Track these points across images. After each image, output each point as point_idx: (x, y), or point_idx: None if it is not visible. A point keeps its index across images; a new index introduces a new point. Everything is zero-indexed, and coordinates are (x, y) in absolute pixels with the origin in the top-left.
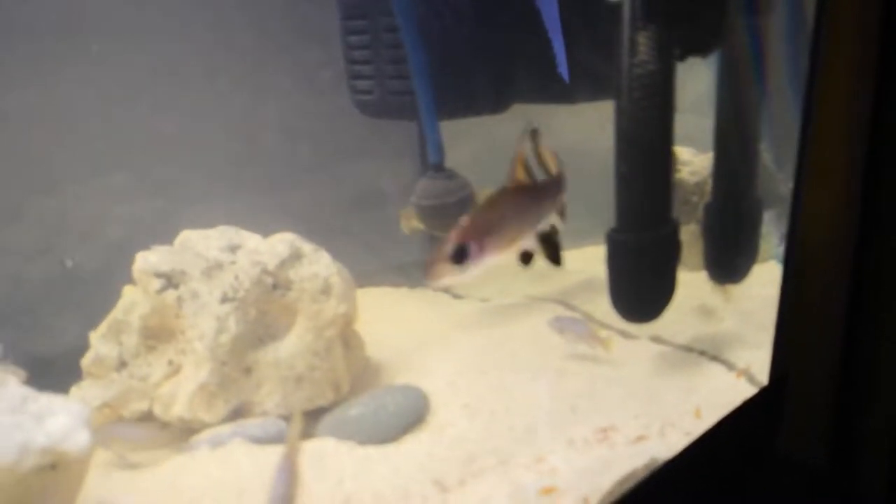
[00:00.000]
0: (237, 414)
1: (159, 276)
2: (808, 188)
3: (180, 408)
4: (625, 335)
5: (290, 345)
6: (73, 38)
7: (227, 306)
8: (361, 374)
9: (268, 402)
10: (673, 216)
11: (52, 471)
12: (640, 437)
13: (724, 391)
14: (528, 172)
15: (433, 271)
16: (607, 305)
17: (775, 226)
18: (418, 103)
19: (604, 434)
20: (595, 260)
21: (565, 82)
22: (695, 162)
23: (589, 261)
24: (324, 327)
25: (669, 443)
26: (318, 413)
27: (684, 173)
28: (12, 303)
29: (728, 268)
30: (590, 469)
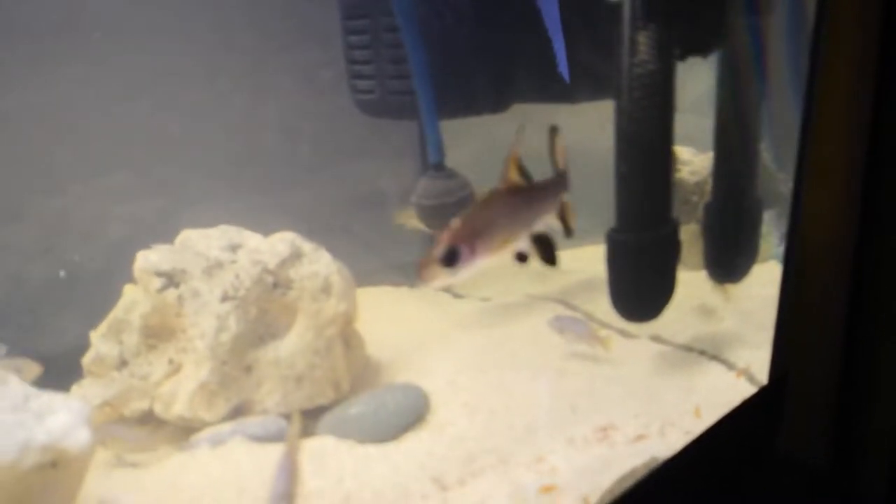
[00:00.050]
0: (237, 412)
1: (160, 274)
2: (808, 188)
3: (181, 406)
4: (625, 334)
5: (291, 343)
6: (73, 37)
7: (227, 305)
8: (361, 373)
9: (268, 401)
10: (673, 216)
11: (53, 468)
12: (639, 437)
13: (723, 391)
14: (522, 173)
15: (424, 274)
16: (607, 305)
17: (775, 225)
18: (419, 103)
19: (603, 433)
20: (595, 259)
21: (565, 82)
22: (695, 161)
23: (589, 260)
24: (324, 326)
25: (669, 442)
26: (318, 412)
27: (684, 173)
28: (13, 302)
29: (728, 267)
30: (589, 468)
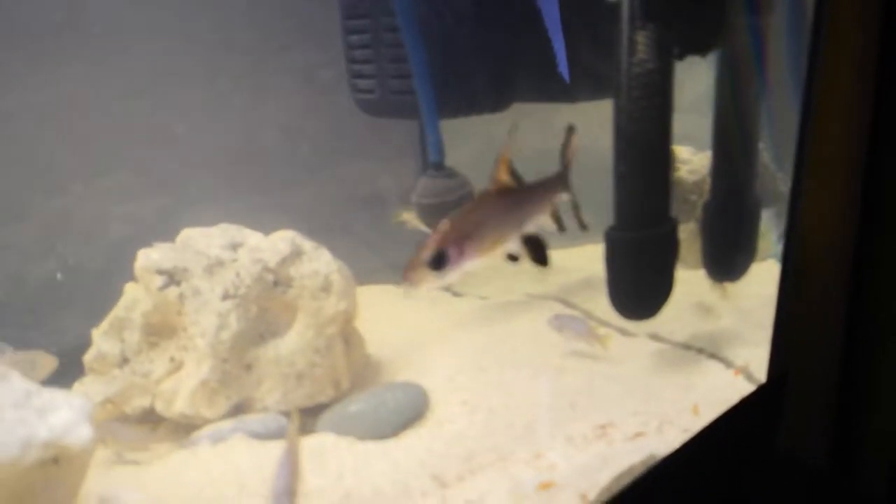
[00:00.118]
0: (238, 410)
1: (161, 273)
2: (807, 187)
3: (182, 404)
4: (623, 333)
5: (291, 342)
6: (73, 37)
7: (228, 303)
8: (361, 371)
9: (268, 399)
10: (672, 215)
11: (55, 465)
12: (638, 434)
13: (722, 389)
14: (512, 174)
15: (411, 276)
16: (606, 303)
17: (774, 224)
18: (419, 102)
19: (602, 431)
20: (594, 258)
21: (565, 81)
22: (694, 160)
23: (588, 259)
24: (324, 324)
25: (667, 439)
26: (318, 409)
27: (683, 172)
28: (15, 300)
29: (726, 266)
30: (588, 465)
